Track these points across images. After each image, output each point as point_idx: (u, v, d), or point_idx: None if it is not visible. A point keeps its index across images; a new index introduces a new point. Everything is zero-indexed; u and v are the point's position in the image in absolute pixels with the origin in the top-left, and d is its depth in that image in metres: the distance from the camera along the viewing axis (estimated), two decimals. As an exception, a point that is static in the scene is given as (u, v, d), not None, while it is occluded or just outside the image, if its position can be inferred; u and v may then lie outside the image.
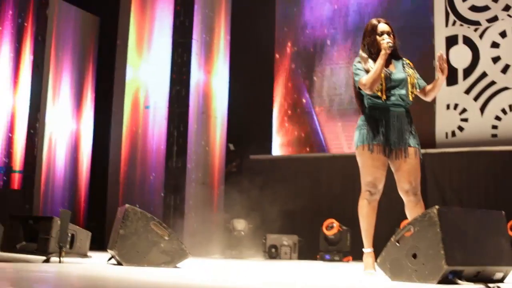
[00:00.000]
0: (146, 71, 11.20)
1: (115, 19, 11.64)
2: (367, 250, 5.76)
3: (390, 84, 5.72)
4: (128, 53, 11.23)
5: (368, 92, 5.69)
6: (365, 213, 5.81)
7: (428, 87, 5.86)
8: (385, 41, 5.70)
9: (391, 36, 5.82)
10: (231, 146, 11.92)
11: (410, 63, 5.93)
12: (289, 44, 11.94)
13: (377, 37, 5.82)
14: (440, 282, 4.33)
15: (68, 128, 12.19)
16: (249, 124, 11.81)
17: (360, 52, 5.94)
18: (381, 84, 5.69)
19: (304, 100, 11.64)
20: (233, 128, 11.90)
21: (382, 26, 5.85)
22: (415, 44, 10.70)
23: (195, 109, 11.26)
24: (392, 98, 5.71)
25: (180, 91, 11.18)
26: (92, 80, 12.59)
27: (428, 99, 5.92)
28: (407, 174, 5.69)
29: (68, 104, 12.16)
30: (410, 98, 5.77)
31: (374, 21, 5.94)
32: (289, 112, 11.74)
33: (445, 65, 5.65)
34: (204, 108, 11.46)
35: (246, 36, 11.88)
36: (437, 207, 4.46)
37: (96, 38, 12.73)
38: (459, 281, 4.32)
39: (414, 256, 4.50)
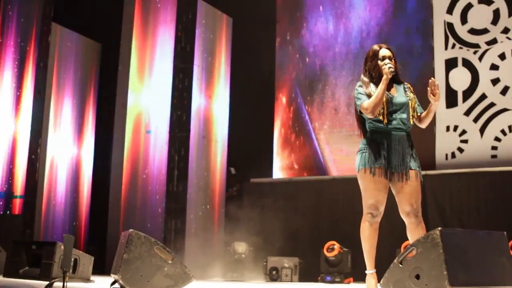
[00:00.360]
0: (147, 96, 11.31)
1: (117, 45, 11.76)
2: (370, 271, 5.80)
3: (391, 108, 5.77)
4: (129, 79, 11.33)
5: (370, 116, 5.75)
6: (367, 235, 5.84)
7: (423, 114, 5.93)
8: (387, 66, 5.75)
9: (392, 61, 5.91)
10: (233, 170, 11.99)
11: (411, 87, 6.00)
12: (290, 67, 12.04)
13: (379, 62, 5.87)
14: (443, 303, 4.39)
15: (69, 153, 12.28)
16: (250, 147, 11.89)
17: (362, 76, 5.98)
18: (383, 108, 5.73)
19: (304, 124, 11.72)
20: (233, 152, 11.98)
21: (384, 51, 5.91)
22: (415, 66, 10.83)
23: (196, 134, 11.35)
24: (394, 122, 5.76)
25: (181, 116, 11.27)
26: (93, 106, 12.71)
27: (423, 125, 5.97)
28: (408, 196, 5.74)
29: (69, 129, 12.26)
30: (411, 122, 5.82)
31: (375, 46, 6.00)
32: (289, 135, 11.82)
33: (437, 91, 5.73)
34: (205, 133, 11.55)
35: (246, 60, 12.00)
36: (439, 228, 4.52)
37: (97, 64, 12.86)
38: (462, 302, 4.39)
39: (417, 277, 4.56)
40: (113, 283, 6.39)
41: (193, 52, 11.43)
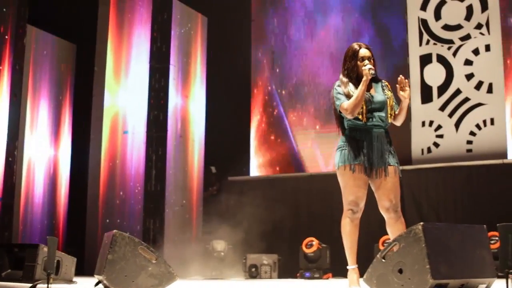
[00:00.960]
0: (124, 96, 11.32)
1: (92, 46, 11.76)
2: (351, 266, 5.88)
3: (370, 106, 5.82)
4: (105, 79, 11.33)
5: (349, 117, 5.80)
6: (348, 231, 5.91)
7: (396, 111, 6.01)
8: (367, 67, 5.79)
9: (372, 60, 5.98)
10: (213, 169, 12.03)
11: (388, 85, 6.07)
12: (265, 65, 12.10)
13: (358, 62, 5.91)
14: (425, 296, 4.47)
15: (46, 154, 12.26)
16: (227, 146, 11.94)
17: (341, 76, 6.01)
18: (362, 107, 5.80)
19: (281, 121, 11.79)
20: (211, 150, 12.02)
21: (363, 52, 5.94)
22: (390, 63, 10.93)
23: (173, 133, 11.39)
24: (373, 119, 5.84)
25: (158, 116, 11.31)
26: (70, 107, 12.70)
27: (397, 123, 6.03)
28: (387, 192, 5.82)
29: (46, 130, 12.25)
30: (389, 120, 5.91)
31: (355, 45, 6.02)
32: (266, 133, 11.89)
33: (407, 88, 5.83)
34: (182, 132, 11.58)
35: (222, 59, 12.06)
36: (422, 223, 4.60)
37: (73, 65, 12.84)
38: (444, 294, 4.48)
39: (400, 271, 4.63)
40: (97, 284, 6.42)
41: (169, 52, 11.46)
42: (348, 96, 5.81)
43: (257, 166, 11.91)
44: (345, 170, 5.84)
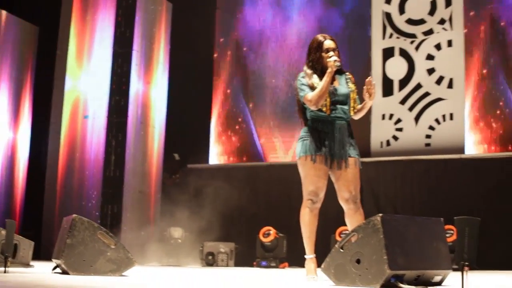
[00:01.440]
0: (86, 81, 11.25)
1: (55, 29, 11.66)
2: (309, 256, 5.93)
3: (334, 98, 5.85)
4: (67, 63, 11.26)
5: (313, 108, 5.82)
6: (307, 221, 5.96)
7: (358, 107, 6.05)
8: (332, 59, 5.79)
9: (337, 52, 6.00)
10: (176, 156, 12.02)
11: (352, 78, 6.10)
12: (228, 54, 12.10)
13: (323, 54, 5.91)
14: (383, 286, 4.51)
15: (5, 137, 12.16)
16: (187, 133, 11.94)
17: (305, 67, 6.01)
18: (326, 99, 5.82)
19: (241, 110, 11.82)
20: (171, 137, 12.01)
21: (328, 43, 5.93)
22: (353, 55, 11.00)
23: (134, 119, 11.36)
24: (335, 111, 5.86)
25: (119, 101, 11.27)
26: (30, 90, 12.59)
27: (355, 117, 6.09)
28: (347, 183, 5.88)
29: (5, 113, 12.13)
30: (352, 113, 5.94)
31: (320, 37, 6.00)
32: (227, 121, 11.91)
33: (373, 90, 5.88)
34: (143, 118, 11.56)
35: (185, 46, 12.03)
36: (380, 214, 4.66)
37: (35, 47, 12.73)
38: (401, 285, 4.52)
39: (358, 261, 4.68)
40: (54, 268, 6.40)
41: (132, 37, 11.43)
42: (312, 88, 5.83)
43: (216, 155, 11.92)
44: (306, 160, 5.87)
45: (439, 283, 4.99)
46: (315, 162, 5.83)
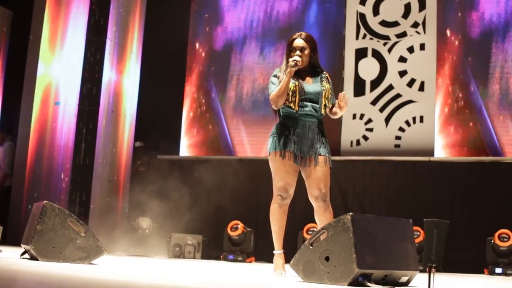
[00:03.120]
0: (58, 67, 11.18)
1: (29, 14, 11.56)
2: (278, 251, 6.03)
3: (303, 96, 5.95)
4: (40, 49, 11.18)
5: (274, 107, 5.97)
6: (276, 217, 6.04)
7: (334, 109, 6.11)
8: (291, 59, 5.91)
9: (306, 51, 6.06)
10: (138, 143, 11.98)
11: (328, 77, 6.19)
12: (201, 46, 12.10)
13: (291, 52, 6.06)
14: (350, 284, 4.58)
15: (-26, 121, 12.08)
16: (158, 124, 11.94)
17: (284, 62, 6.15)
18: (295, 96, 5.92)
19: (213, 104, 11.83)
20: (142, 127, 11.99)
21: (297, 42, 6.06)
22: (326, 54, 11.05)
23: (105, 108, 11.33)
24: (305, 109, 5.96)
25: (91, 89, 11.22)
26: (2, 75, 12.49)
27: (333, 117, 6.19)
28: (317, 181, 5.96)
29: (-25, 97, 12.05)
30: (323, 112, 6.02)
31: (294, 35, 6.15)
32: (198, 114, 11.91)
33: (344, 104, 5.97)
34: (114, 107, 11.53)
35: (159, 37, 12.02)
36: (351, 213, 4.72)
37: (7, 32, 12.63)
38: (368, 284, 4.59)
39: (327, 259, 4.74)
40: (23, 253, 6.39)
41: (106, 26, 11.37)
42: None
43: (186, 146, 11.93)
44: (276, 156, 5.97)
45: (406, 284, 5.06)
46: (284, 158, 5.92)
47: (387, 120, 10.79)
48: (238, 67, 11.81)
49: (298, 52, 6.00)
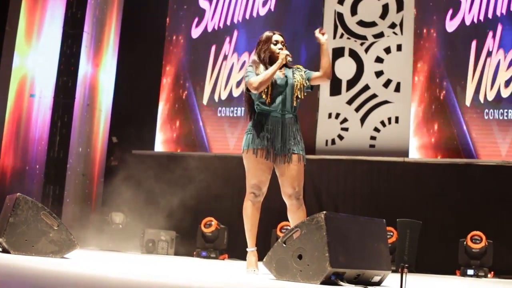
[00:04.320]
0: (34, 59, 11.11)
1: (5, 4, 11.48)
2: (251, 249, 6.05)
3: (277, 89, 6.03)
4: (16, 40, 11.10)
5: (254, 91, 5.99)
6: (249, 214, 6.07)
7: (321, 64, 6.19)
8: (285, 52, 6.09)
9: (284, 46, 6.18)
10: (114, 139, 11.95)
11: (300, 67, 6.26)
12: (179, 40, 12.06)
13: (272, 45, 6.19)
14: (323, 283, 4.59)
15: None
16: (133, 119, 11.90)
17: (253, 57, 6.28)
18: (267, 88, 5.99)
19: (189, 99, 11.80)
20: (117, 122, 11.96)
21: (277, 37, 6.24)
22: (303, 53, 11.07)
23: (81, 101, 11.30)
24: (278, 104, 6.02)
25: (67, 82, 11.19)
26: (-23, 65, 12.39)
27: (324, 76, 6.17)
28: (290, 179, 6.00)
29: (-50, 87, 11.94)
30: (294, 104, 6.07)
31: (269, 32, 6.31)
32: (174, 109, 11.87)
33: (321, 34, 6.19)
34: (90, 101, 11.50)
35: (136, 31, 11.99)
36: (324, 212, 4.74)
37: (-17, 22, 12.54)
38: (341, 283, 4.61)
39: (300, 257, 4.76)
40: (-5, 246, 6.36)
41: (83, 19, 11.34)
42: None
43: (161, 142, 11.89)
44: (249, 153, 6.02)
45: (378, 283, 5.09)
46: (257, 155, 5.95)
47: (363, 120, 10.81)
48: (216, 62, 11.78)
49: (280, 46, 6.18)
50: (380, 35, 11.00)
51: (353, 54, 11.07)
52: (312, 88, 6.25)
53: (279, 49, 6.15)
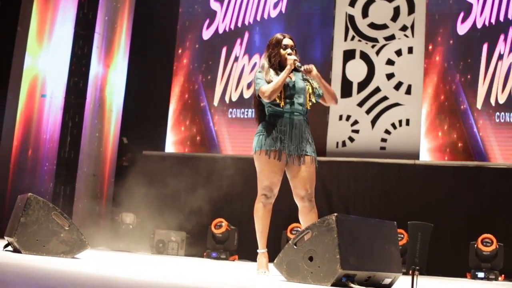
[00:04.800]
0: (45, 60, 11.13)
1: (17, 5, 11.50)
2: (262, 250, 6.04)
3: (289, 92, 6.01)
4: (28, 41, 11.13)
5: (266, 100, 5.96)
6: (260, 216, 6.05)
7: (319, 99, 6.18)
8: (292, 57, 6.05)
9: (294, 50, 6.17)
10: (125, 140, 11.97)
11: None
12: (190, 42, 12.07)
13: (281, 50, 6.15)
14: (333, 285, 4.58)
15: (-40, 111, 12.00)
16: (144, 120, 11.92)
17: (263, 62, 6.24)
18: (281, 92, 5.97)
19: (200, 99, 11.81)
20: (128, 122, 11.98)
21: (286, 41, 6.19)
22: (314, 54, 11.06)
23: (92, 101, 11.32)
24: (291, 106, 6.00)
25: (78, 83, 11.22)
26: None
27: (327, 102, 6.22)
28: (303, 181, 5.97)
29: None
30: (308, 107, 6.08)
31: (279, 35, 6.26)
32: (185, 110, 11.88)
33: (309, 67, 6.04)
34: (101, 101, 11.52)
35: (147, 32, 12.01)
36: (335, 214, 4.73)
37: (-5, 23, 12.57)
38: (352, 285, 4.59)
39: (311, 259, 4.75)
40: (6, 246, 6.37)
41: (95, 20, 11.36)
42: (268, 82, 5.99)
43: (172, 143, 11.90)
44: (261, 155, 5.99)
45: (389, 286, 5.07)
46: (269, 157, 5.94)
47: (373, 122, 10.80)
48: (226, 64, 11.79)
49: (289, 50, 6.13)
50: (391, 37, 10.98)
51: (364, 57, 11.06)
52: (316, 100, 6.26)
53: (288, 54, 6.11)
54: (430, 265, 9.11)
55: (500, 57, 10.36)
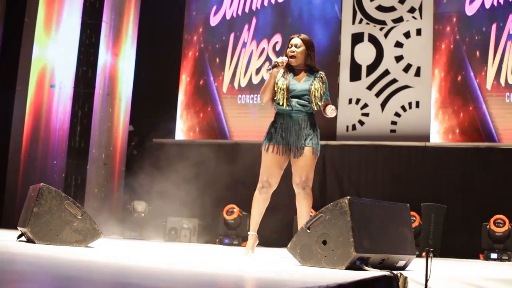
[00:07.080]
0: (53, 50, 11.13)
1: (24, -5, 11.52)
2: (252, 233, 6.52)
3: (291, 94, 6.33)
4: (36, 31, 11.13)
5: (262, 102, 6.55)
6: (256, 202, 6.59)
7: (326, 109, 6.35)
8: (278, 59, 6.36)
9: (300, 49, 6.39)
10: (131, 127, 11.96)
11: (323, 77, 6.44)
12: (198, 29, 12.06)
13: (288, 49, 6.46)
14: (348, 268, 4.60)
15: (-31, 104, 12.01)
16: (154, 108, 11.93)
17: None
18: (283, 94, 6.32)
19: (209, 86, 11.81)
20: (137, 111, 11.98)
21: (294, 40, 6.46)
22: (322, 38, 11.04)
23: (101, 91, 11.31)
24: (294, 105, 6.32)
25: (87, 72, 11.21)
26: (-3, 57, 12.42)
27: (326, 116, 6.42)
28: (300, 169, 6.34)
29: (-30, 79, 11.98)
30: (315, 108, 6.36)
31: (293, 36, 6.53)
32: (194, 97, 11.89)
33: (329, 114, 6.29)
34: (110, 90, 11.51)
35: (155, 20, 12.00)
36: (348, 197, 4.74)
37: (2, 14, 12.56)
38: (366, 267, 4.61)
39: (324, 242, 4.77)
40: (19, 236, 6.39)
41: (102, 8, 11.34)
42: (284, 77, 6.42)
43: (182, 130, 11.91)
44: (264, 149, 6.45)
45: (403, 268, 5.08)
46: (272, 152, 6.37)
47: (383, 105, 10.79)
48: (235, 50, 11.78)
49: (293, 48, 6.39)
50: (399, 19, 10.95)
51: (373, 39, 11.04)
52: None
53: (285, 54, 6.41)
54: (443, 247, 9.11)
55: (509, 37, 10.32)
